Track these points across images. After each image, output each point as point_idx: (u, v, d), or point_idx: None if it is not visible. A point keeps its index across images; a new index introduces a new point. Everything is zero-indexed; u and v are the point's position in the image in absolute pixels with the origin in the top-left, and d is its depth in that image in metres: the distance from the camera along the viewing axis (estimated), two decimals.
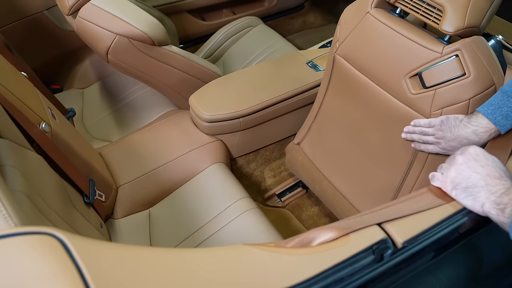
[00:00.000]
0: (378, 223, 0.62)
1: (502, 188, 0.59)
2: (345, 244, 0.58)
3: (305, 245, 0.59)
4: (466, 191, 0.63)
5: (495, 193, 0.59)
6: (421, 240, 0.60)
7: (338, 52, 1.11)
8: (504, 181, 0.61)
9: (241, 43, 1.86)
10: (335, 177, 1.28)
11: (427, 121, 0.92)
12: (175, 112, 1.39)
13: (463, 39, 0.87)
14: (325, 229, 0.61)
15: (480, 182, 0.62)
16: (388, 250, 0.58)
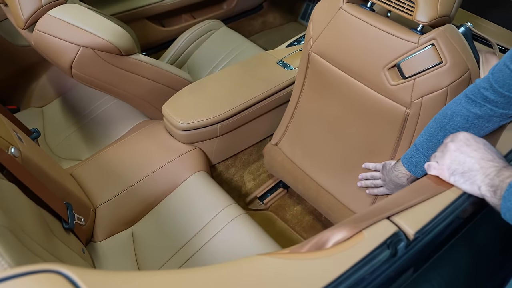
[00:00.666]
0: (387, 216, 0.61)
1: (494, 170, 0.61)
2: (360, 242, 0.57)
3: (320, 248, 0.58)
4: (464, 176, 0.64)
5: (489, 175, 0.61)
6: (431, 229, 0.60)
7: (312, 49, 1.11)
8: (497, 162, 0.62)
9: (204, 47, 1.83)
10: (318, 174, 1.28)
11: (373, 165, 1.08)
12: (147, 123, 1.33)
13: (437, 29, 0.89)
14: (337, 228, 0.60)
15: (475, 165, 0.63)
16: (401, 242, 0.58)
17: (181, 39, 1.80)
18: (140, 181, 1.16)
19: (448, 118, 0.81)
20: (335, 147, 1.20)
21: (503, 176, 0.59)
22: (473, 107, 0.76)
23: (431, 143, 0.83)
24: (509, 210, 0.55)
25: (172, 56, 1.79)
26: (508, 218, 0.56)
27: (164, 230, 1.11)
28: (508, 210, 0.55)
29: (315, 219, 1.49)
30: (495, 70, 0.72)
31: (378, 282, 0.54)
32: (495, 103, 0.73)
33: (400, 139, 1.03)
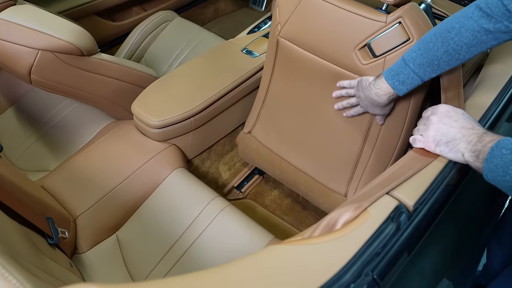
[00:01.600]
0: (387, 192, 0.64)
1: (476, 137, 0.66)
2: (367, 219, 0.60)
3: (331, 229, 0.60)
4: (448, 145, 0.69)
5: (471, 142, 0.66)
6: (427, 199, 0.64)
7: (281, 35, 1.11)
8: (477, 130, 0.67)
9: (161, 39, 1.77)
10: (295, 157, 1.31)
11: (348, 82, 1.01)
12: (115, 124, 1.28)
13: (402, 7, 0.93)
14: (343, 209, 0.62)
15: (458, 135, 0.68)
16: (403, 215, 0.61)
17: (135, 33, 1.74)
18: (118, 185, 1.12)
19: (454, 32, 0.75)
20: (310, 129, 1.22)
21: (485, 141, 0.64)
22: (487, 22, 0.71)
23: (426, 59, 0.80)
24: (491, 171, 0.60)
25: (127, 52, 1.72)
26: (490, 178, 0.61)
27: (151, 231, 1.08)
28: (490, 171, 0.60)
29: (293, 201, 1.53)
30: None
31: (390, 256, 0.57)
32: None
33: (373, 117, 1.07)
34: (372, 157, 1.14)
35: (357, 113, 1.04)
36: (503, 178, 0.58)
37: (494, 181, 0.61)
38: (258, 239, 1.05)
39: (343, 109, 1.07)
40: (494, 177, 0.60)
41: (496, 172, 0.59)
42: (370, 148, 1.13)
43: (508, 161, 0.58)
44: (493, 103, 0.85)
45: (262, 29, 1.56)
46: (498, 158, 0.59)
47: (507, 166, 0.58)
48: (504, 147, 0.60)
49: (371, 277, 0.53)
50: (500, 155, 0.59)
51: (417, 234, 0.62)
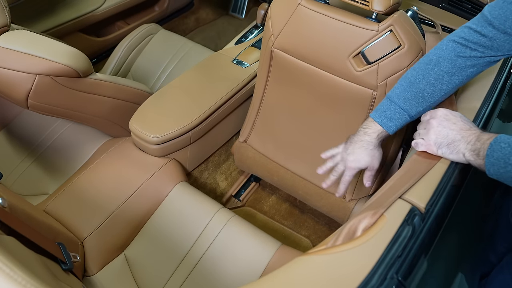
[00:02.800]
0: (399, 196, 0.68)
1: (474, 137, 0.70)
2: (385, 224, 0.63)
3: (352, 237, 0.62)
4: (449, 147, 0.73)
5: (470, 142, 0.70)
6: (436, 199, 0.68)
7: (275, 46, 1.14)
8: (474, 130, 0.72)
9: (146, 53, 1.77)
10: (292, 163, 1.34)
11: (331, 152, 1.01)
12: (112, 142, 1.28)
13: (391, 16, 0.97)
14: (361, 216, 0.65)
15: (457, 136, 0.72)
16: (416, 217, 0.65)
17: (120, 48, 1.73)
18: (122, 204, 1.12)
19: (433, 64, 0.80)
20: (307, 135, 1.26)
21: (483, 139, 0.68)
22: (463, 51, 0.77)
23: (410, 93, 0.83)
24: (492, 165, 0.65)
25: (114, 67, 1.71)
26: (493, 172, 0.66)
27: (159, 247, 1.09)
28: (492, 165, 0.65)
29: (291, 205, 1.56)
30: (492, 8, 0.72)
31: (410, 257, 0.60)
32: (489, 44, 0.74)
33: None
34: None
35: (347, 183, 0.99)
36: (505, 169, 0.63)
37: (496, 173, 0.65)
38: (266, 247, 1.07)
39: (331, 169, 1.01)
40: (496, 170, 0.65)
41: (498, 164, 0.64)
42: None
43: (508, 153, 0.63)
44: (483, 103, 0.90)
45: (249, 38, 1.58)
46: (498, 151, 0.64)
47: (507, 157, 0.63)
48: (502, 141, 0.65)
49: (396, 279, 0.56)
50: (499, 149, 0.64)
51: (430, 234, 0.66)
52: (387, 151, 1.17)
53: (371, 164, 0.93)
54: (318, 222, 1.50)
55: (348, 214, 1.29)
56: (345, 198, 1.28)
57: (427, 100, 0.83)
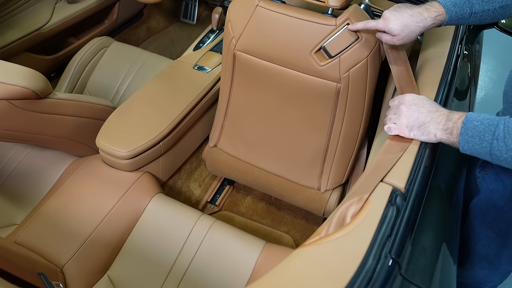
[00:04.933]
0: (381, 180, 0.71)
1: (443, 118, 0.75)
2: (372, 208, 0.66)
3: (343, 224, 0.65)
4: (420, 129, 0.77)
5: (440, 122, 0.75)
6: (414, 179, 0.72)
7: (237, 48, 1.15)
8: (441, 111, 0.77)
9: (101, 67, 1.72)
10: (265, 163, 1.35)
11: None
12: (80, 162, 1.23)
13: (347, 10, 1.02)
14: (348, 203, 0.67)
15: (427, 118, 0.77)
16: (398, 197, 0.69)
17: (72, 65, 1.67)
18: (98, 225, 1.08)
19: None
20: (277, 133, 1.28)
21: (454, 119, 0.73)
22: None
23: None
24: (467, 142, 0.70)
25: (68, 85, 1.65)
26: (467, 149, 0.70)
27: (143, 263, 1.06)
28: (467, 142, 0.70)
29: (267, 204, 1.57)
30: None
31: (400, 236, 0.63)
32: None
33: (335, 111, 1.15)
34: (338, 149, 1.23)
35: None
36: (481, 145, 0.68)
37: (471, 150, 0.70)
38: (252, 247, 1.08)
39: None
40: (471, 147, 0.70)
41: (473, 141, 0.69)
42: (335, 141, 1.21)
43: (482, 130, 0.68)
44: (440, 81, 0.96)
45: (207, 43, 1.58)
46: (472, 130, 0.69)
47: (482, 134, 0.68)
48: (474, 119, 0.70)
49: (390, 257, 0.59)
50: (473, 127, 0.69)
51: (413, 211, 0.70)
52: (355, 136, 1.22)
53: (395, 36, 0.89)
54: (296, 217, 1.53)
55: (324, 205, 1.32)
56: (320, 190, 1.31)
57: (491, 3, 0.86)
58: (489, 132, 0.68)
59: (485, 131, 0.68)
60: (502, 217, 0.98)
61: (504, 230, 0.99)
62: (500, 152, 0.67)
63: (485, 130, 0.68)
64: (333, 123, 1.18)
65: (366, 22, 0.94)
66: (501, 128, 0.67)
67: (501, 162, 0.69)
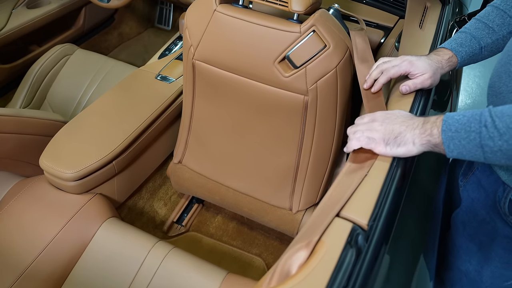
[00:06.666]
0: (337, 214, 0.61)
1: (420, 122, 0.66)
2: (325, 252, 0.55)
3: (287, 275, 0.54)
4: (396, 141, 0.67)
5: (417, 127, 0.65)
6: (379, 211, 0.62)
7: (196, 57, 1.04)
8: (416, 119, 0.67)
9: (63, 76, 1.60)
10: (232, 180, 1.25)
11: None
12: (24, 183, 1.11)
13: (313, 15, 0.91)
14: (294, 249, 0.57)
15: (401, 128, 0.67)
16: (359, 236, 0.58)
17: (31, 74, 1.55)
18: (38, 256, 0.96)
19: (498, 3, 0.84)
20: (243, 149, 1.17)
21: (431, 121, 0.64)
22: None
23: (480, 23, 0.84)
24: (452, 138, 0.60)
25: (26, 96, 1.53)
26: (453, 147, 0.61)
27: None
28: (452, 138, 0.60)
29: (239, 223, 1.46)
30: None
31: (358, 286, 0.53)
32: None
33: (304, 126, 1.05)
34: (310, 167, 1.12)
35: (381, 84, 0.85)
36: (468, 137, 0.58)
37: (458, 148, 0.60)
38: (211, 279, 0.97)
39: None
40: (457, 143, 0.60)
41: (459, 136, 0.59)
42: (306, 158, 1.11)
43: (466, 121, 0.59)
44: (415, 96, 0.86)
45: (174, 51, 1.48)
46: (455, 124, 0.60)
47: (467, 125, 0.59)
48: (455, 115, 0.61)
49: None
50: (455, 122, 0.60)
51: (379, 250, 0.59)
52: (328, 153, 1.12)
53: (425, 73, 0.81)
54: (269, 237, 1.42)
55: (297, 226, 1.22)
56: (292, 210, 1.21)
57: (497, 32, 0.83)
58: (475, 122, 0.59)
59: (470, 122, 0.59)
60: (484, 229, 0.88)
61: (485, 243, 0.89)
62: (492, 141, 0.57)
63: (470, 121, 0.59)
64: (303, 139, 1.08)
65: (386, 72, 0.82)
66: (487, 114, 0.58)
67: (496, 155, 0.58)
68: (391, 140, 0.67)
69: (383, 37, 1.33)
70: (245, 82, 1.02)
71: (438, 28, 1.10)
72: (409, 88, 0.83)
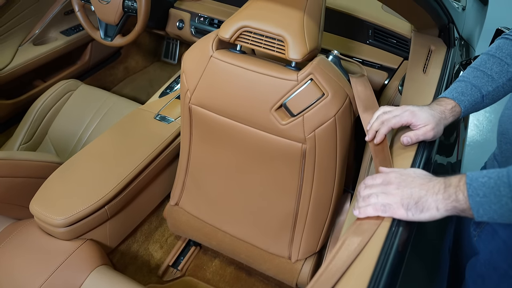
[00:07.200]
0: None
1: (441, 186, 0.60)
2: None
3: None
4: (418, 206, 0.62)
5: (439, 192, 0.60)
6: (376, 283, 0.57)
7: (192, 102, 1.02)
8: (435, 180, 0.62)
9: (65, 113, 1.60)
10: (230, 226, 1.20)
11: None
12: (14, 227, 1.08)
13: (311, 63, 0.89)
14: None
15: (421, 192, 0.62)
16: None
17: (33, 110, 1.55)
18: None
19: (493, 50, 0.83)
20: (241, 194, 1.13)
21: (453, 184, 0.59)
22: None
23: (478, 72, 0.82)
24: (482, 204, 0.55)
25: (27, 132, 1.52)
26: (483, 213, 0.56)
27: None
28: (481, 204, 0.55)
29: (237, 269, 1.40)
30: None
31: None
32: None
33: (303, 173, 1.01)
34: (309, 214, 1.08)
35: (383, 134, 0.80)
36: (499, 201, 0.54)
37: (488, 211, 0.55)
38: None
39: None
40: (487, 208, 0.55)
41: (488, 202, 0.55)
42: (306, 206, 1.07)
43: (493, 184, 0.55)
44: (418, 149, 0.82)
45: (175, 89, 1.47)
46: (482, 188, 0.55)
47: (496, 189, 0.54)
48: (478, 177, 0.57)
49: None
50: (481, 185, 0.56)
51: None
52: (328, 201, 1.07)
53: (428, 125, 0.76)
54: (268, 285, 1.36)
55: (296, 276, 1.16)
56: (291, 259, 1.15)
57: (496, 80, 0.81)
58: (503, 185, 0.54)
59: (498, 185, 0.54)
60: (507, 283, 0.81)
61: None
62: None
63: (498, 184, 0.55)
64: (302, 186, 1.04)
65: (387, 122, 0.78)
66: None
67: None
68: (412, 205, 0.62)
69: (387, 79, 1.30)
70: (242, 128, 1.00)
71: (443, 73, 1.07)
72: (411, 140, 0.79)
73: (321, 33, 0.94)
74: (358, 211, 0.67)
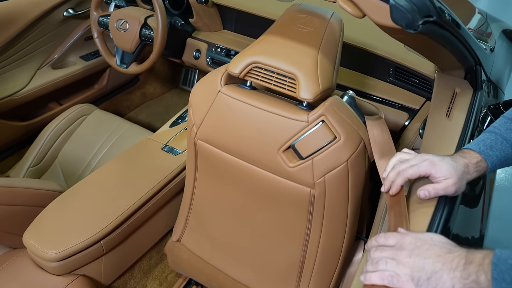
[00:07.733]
0: None
1: (461, 261, 0.51)
2: None
3: None
4: (430, 283, 0.52)
5: (457, 268, 0.51)
6: None
7: (198, 137, 0.98)
8: (456, 252, 0.53)
9: (76, 137, 1.58)
10: (232, 268, 1.13)
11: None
12: (7, 257, 1.04)
13: (323, 103, 0.83)
14: None
15: (437, 265, 0.53)
16: None
17: (45, 133, 1.54)
18: None
19: None
20: (244, 236, 1.06)
21: (476, 261, 0.50)
22: None
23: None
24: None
25: (37, 155, 1.51)
26: None
27: None
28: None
29: None
30: None
31: None
32: None
33: (311, 220, 0.94)
34: (317, 263, 0.99)
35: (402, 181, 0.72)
36: None
37: None
38: None
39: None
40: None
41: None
42: (313, 254, 0.98)
43: None
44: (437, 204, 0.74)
45: (186, 120, 1.43)
46: (510, 272, 0.46)
47: None
48: (507, 258, 0.48)
49: None
50: (509, 269, 0.46)
51: None
52: (338, 250, 0.98)
53: (449, 179, 0.68)
54: None
55: None
56: None
57: None
58: None
59: None
60: None
61: None
62: None
63: None
64: (310, 233, 0.96)
65: (403, 172, 0.71)
66: None
67: None
68: (423, 280, 0.53)
69: (408, 120, 1.23)
70: (247, 167, 0.94)
71: (468, 118, 0.99)
72: (429, 194, 0.70)
73: (336, 71, 0.89)
74: (364, 277, 0.59)
